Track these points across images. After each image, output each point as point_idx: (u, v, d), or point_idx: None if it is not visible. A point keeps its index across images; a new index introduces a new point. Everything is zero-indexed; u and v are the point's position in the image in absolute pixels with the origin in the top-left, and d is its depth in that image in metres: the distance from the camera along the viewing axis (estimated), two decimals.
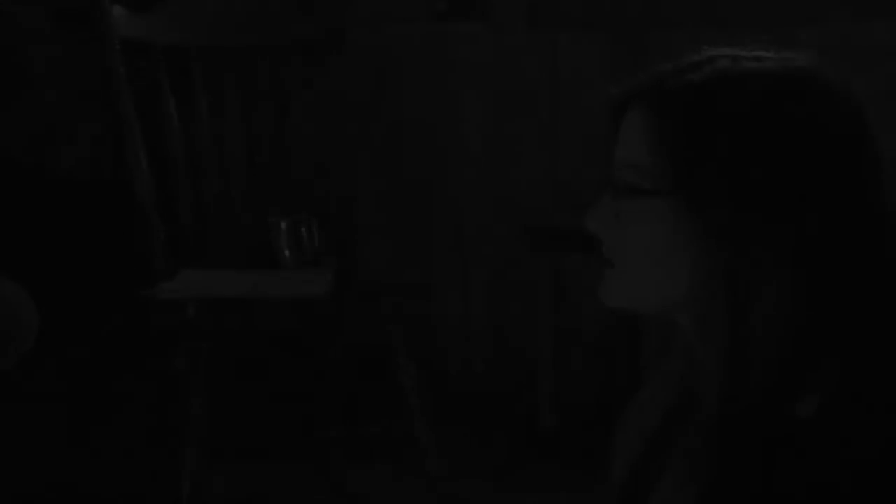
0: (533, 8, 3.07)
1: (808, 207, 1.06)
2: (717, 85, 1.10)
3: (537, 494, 2.98)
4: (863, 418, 1.03)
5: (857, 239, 1.07)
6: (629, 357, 3.49)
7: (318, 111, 3.23)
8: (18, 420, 3.25)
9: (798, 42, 1.16)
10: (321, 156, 3.35)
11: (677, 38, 3.30)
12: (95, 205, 4.16)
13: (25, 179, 3.92)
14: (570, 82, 3.52)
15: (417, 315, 3.50)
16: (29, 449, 3.19)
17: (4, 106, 3.94)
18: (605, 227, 1.15)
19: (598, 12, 3.02)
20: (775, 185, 1.06)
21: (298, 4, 3.11)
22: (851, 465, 1.01)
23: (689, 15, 2.89)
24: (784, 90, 1.09)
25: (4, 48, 4.21)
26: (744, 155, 1.06)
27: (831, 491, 1.01)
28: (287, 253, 2.76)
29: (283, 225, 2.77)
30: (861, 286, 1.07)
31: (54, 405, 3.56)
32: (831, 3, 2.78)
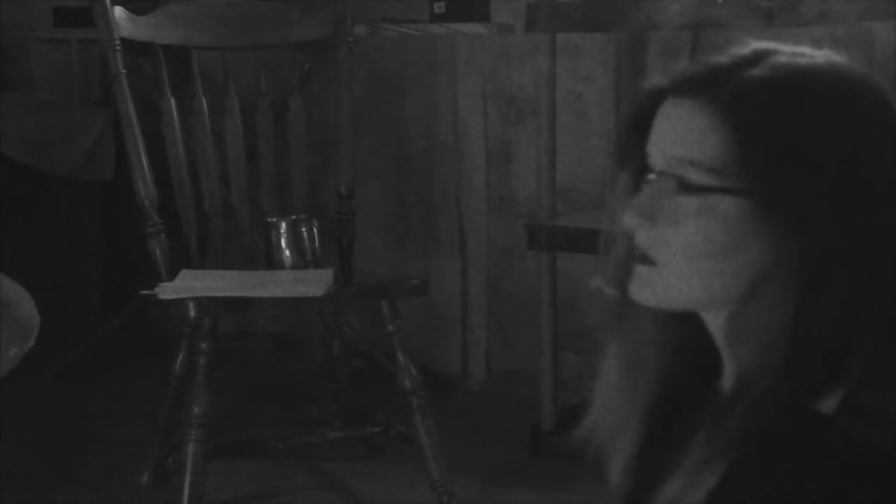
0: (532, 8, 3.07)
1: (881, 204, 1.06)
2: (784, 80, 1.08)
3: (537, 494, 2.98)
4: (884, 415, 1.04)
5: None
6: None
7: (318, 111, 3.23)
8: (19, 419, 3.25)
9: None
10: (320, 156, 3.35)
11: (677, 39, 3.30)
12: (95, 205, 4.16)
13: (25, 179, 3.92)
14: (570, 82, 3.52)
15: (417, 315, 3.51)
16: (29, 448, 3.19)
17: (4, 106, 3.94)
18: (649, 224, 1.11)
19: (598, 13, 3.02)
20: (850, 182, 1.06)
21: (299, 5, 3.11)
22: (870, 463, 1.01)
23: (689, 16, 2.88)
24: (848, 86, 1.09)
25: (6, 48, 4.21)
26: (822, 151, 1.06)
27: (849, 488, 1.01)
28: (287, 253, 2.76)
29: (283, 225, 2.77)
30: None
31: (55, 405, 3.56)
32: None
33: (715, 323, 1.14)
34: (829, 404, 1.05)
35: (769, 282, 1.07)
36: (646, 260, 1.12)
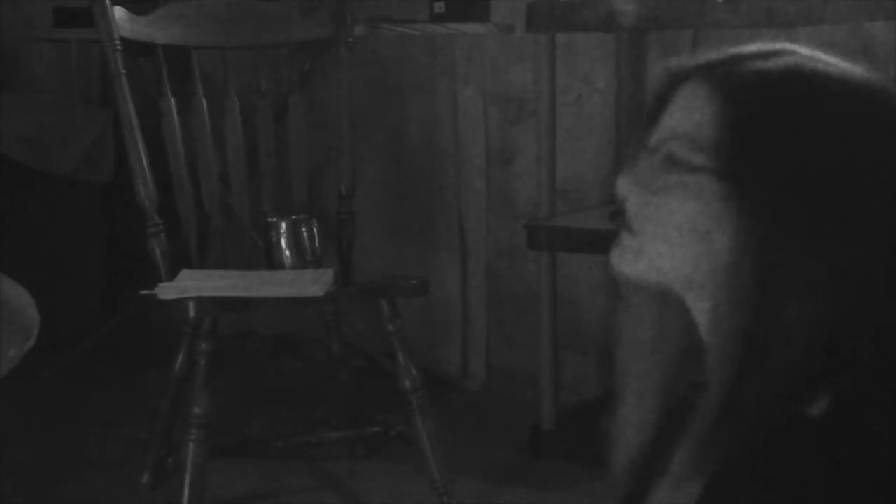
0: (532, 8, 3.07)
1: (862, 215, 1.05)
2: (792, 77, 1.09)
3: (537, 494, 2.98)
4: (872, 419, 1.03)
5: None
6: None
7: (318, 111, 3.22)
8: (19, 419, 3.25)
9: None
10: (320, 156, 3.35)
11: (677, 39, 3.30)
12: (95, 205, 4.16)
13: (25, 179, 3.92)
14: (570, 82, 3.52)
15: (417, 315, 3.51)
16: (29, 448, 3.19)
17: (4, 106, 3.94)
18: (637, 193, 1.11)
19: (597, 13, 3.02)
20: (832, 185, 1.05)
21: (299, 5, 3.11)
22: (859, 466, 1.01)
23: (689, 16, 2.88)
24: (859, 96, 1.09)
25: (6, 48, 4.21)
26: (808, 150, 1.06)
27: (837, 492, 1.01)
28: (287, 253, 2.76)
29: (283, 225, 2.77)
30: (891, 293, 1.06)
31: (55, 405, 3.56)
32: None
33: (700, 315, 1.13)
34: (818, 407, 1.05)
35: (738, 273, 1.07)
36: (629, 228, 1.12)
